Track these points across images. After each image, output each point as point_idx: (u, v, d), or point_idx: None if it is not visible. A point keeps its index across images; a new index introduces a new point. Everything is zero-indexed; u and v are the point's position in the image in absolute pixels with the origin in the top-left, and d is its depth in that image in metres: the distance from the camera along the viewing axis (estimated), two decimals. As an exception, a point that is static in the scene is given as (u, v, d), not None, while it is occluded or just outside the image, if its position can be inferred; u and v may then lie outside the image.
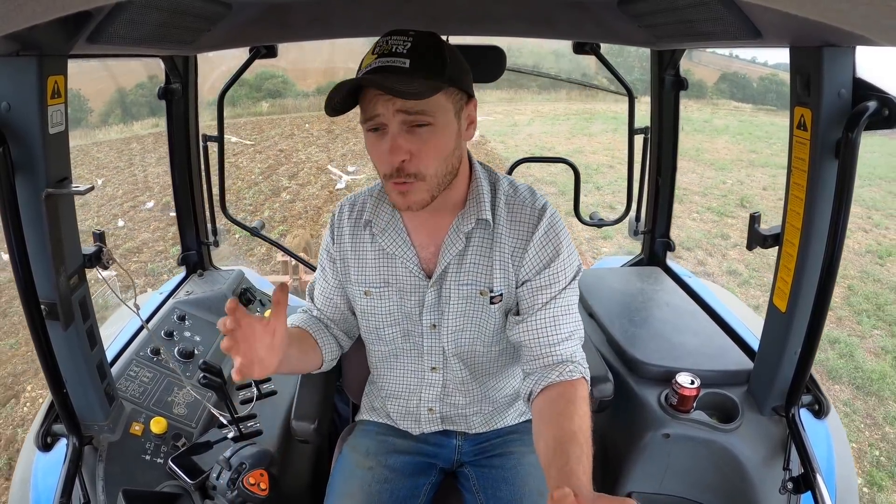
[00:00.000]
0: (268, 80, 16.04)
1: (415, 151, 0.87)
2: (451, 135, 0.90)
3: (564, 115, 16.15)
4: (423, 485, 1.13)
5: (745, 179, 9.32)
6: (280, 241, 3.69)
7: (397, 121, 0.85)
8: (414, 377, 1.12)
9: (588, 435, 0.85)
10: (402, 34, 0.86)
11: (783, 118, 1.14)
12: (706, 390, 1.24)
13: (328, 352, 1.10)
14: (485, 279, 1.01)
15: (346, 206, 1.09)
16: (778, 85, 17.68)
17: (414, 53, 0.84)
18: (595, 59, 1.65)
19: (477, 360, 1.09)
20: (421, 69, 0.83)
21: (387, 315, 1.07)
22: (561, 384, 0.93)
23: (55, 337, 0.99)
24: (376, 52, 0.86)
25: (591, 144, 12.19)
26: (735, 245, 6.36)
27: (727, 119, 15.15)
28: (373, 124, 0.87)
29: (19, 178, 0.88)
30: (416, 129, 0.86)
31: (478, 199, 0.99)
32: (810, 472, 1.07)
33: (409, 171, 0.87)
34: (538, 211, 0.99)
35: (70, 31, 0.84)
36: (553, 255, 0.99)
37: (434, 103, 0.85)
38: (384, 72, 0.84)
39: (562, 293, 1.00)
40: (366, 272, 1.06)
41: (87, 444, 1.10)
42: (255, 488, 0.92)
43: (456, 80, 0.88)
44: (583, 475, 0.77)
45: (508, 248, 0.99)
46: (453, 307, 1.03)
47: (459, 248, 0.99)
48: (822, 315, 1.04)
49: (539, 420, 0.91)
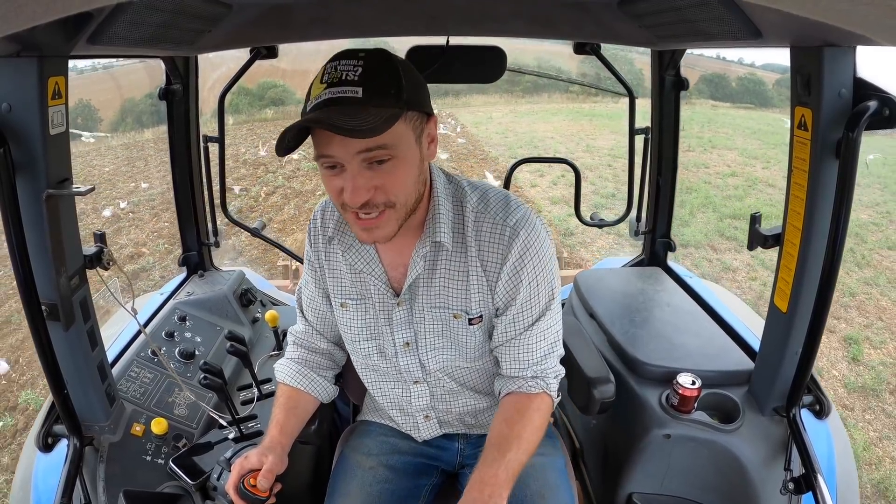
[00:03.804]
0: (270, 90, 16.34)
1: (379, 185, 0.81)
2: (413, 163, 0.85)
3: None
4: (424, 486, 1.13)
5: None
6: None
7: (356, 161, 0.79)
8: (400, 389, 1.11)
9: (525, 445, 0.92)
10: (352, 57, 0.78)
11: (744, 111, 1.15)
12: (707, 391, 1.23)
13: (322, 393, 1.12)
14: (458, 302, 0.98)
15: (319, 213, 1.05)
16: (756, 84, 18.17)
17: (366, 80, 0.76)
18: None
19: (462, 373, 1.08)
20: (375, 97, 0.76)
21: (363, 328, 1.05)
22: (518, 394, 1.00)
23: (56, 338, 0.99)
24: (325, 80, 0.78)
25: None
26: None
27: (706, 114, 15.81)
28: (328, 163, 0.81)
29: (20, 178, 0.88)
30: (377, 165, 0.80)
31: (434, 220, 0.93)
32: (811, 473, 1.07)
33: (376, 203, 0.82)
34: (510, 230, 0.93)
35: (70, 31, 0.84)
36: (526, 284, 0.95)
37: (394, 135, 0.78)
38: (335, 104, 0.76)
39: (538, 322, 0.98)
40: (342, 283, 1.04)
41: (88, 445, 1.10)
42: (255, 489, 0.92)
43: (413, 102, 0.81)
44: (490, 477, 0.86)
45: (482, 270, 0.96)
46: (428, 327, 1.01)
47: (419, 270, 0.96)
48: (823, 315, 1.04)
49: (493, 419, 0.99)
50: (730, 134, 12.88)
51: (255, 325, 1.74)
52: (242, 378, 1.47)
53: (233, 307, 1.70)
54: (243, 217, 7.24)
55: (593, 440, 1.51)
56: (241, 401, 1.39)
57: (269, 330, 1.67)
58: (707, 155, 10.76)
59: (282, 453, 0.97)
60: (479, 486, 0.86)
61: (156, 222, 7.21)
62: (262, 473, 0.92)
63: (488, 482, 0.86)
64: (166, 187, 7.40)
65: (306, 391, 1.10)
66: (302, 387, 1.10)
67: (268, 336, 1.69)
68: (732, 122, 14.52)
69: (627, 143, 1.85)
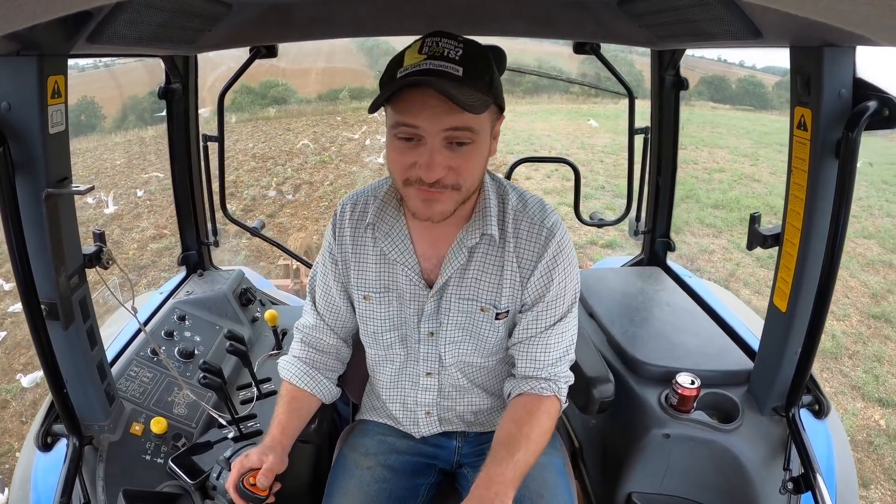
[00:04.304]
0: (272, 88, 16.51)
1: (454, 167, 0.82)
2: (485, 152, 0.87)
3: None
4: (422, 485, 1.13)
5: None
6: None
7: (440, 137, 0.80)
8: (409, 381, 1.12)
9: (534, 447, 0.93)
10: (453, 38, 0.80)
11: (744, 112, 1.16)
12: (706, 390, 1.24)
13: (326, 394, 1.12)
14: (489, 296, 0.99)
15: (349, 205, 1.05)
16: (755, 86, 18.34)
17: (467, 62, 0.77)
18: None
19: (474, 369, 1.09)
20: (472, 81, 0.77)
21: (385, 320, 1.06)
22: (530, 395, 1.01)
23: (55, 337, 0.99)
24: (424, 51, 0.78)
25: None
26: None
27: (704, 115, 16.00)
28: (407, 133, 0.81)
29: (19, 178, 0.88)
30: (457, 147, 0.81)
31: (484, 212, 0.96)
32: (810, 473, 1.07)
33: (446, 183, 0.83)
34: (547, 231, 0.96)
35: (70, 30, 0.84)
36: (556, 283, 0.98)
37: (480, 120, 0.80)
38: (435, 76, 0.76)
39: (559, 322, 1.00)
40: (366, 276, 1.04)
41: (88, 444, 1.10)
42: (255, 488, 0.92)
43: (498, 96, 0.84)
44: (498, 475, 0.87)
45: (517, 266, 0.98)
46: (452, 319, 1.02)
47: (462, 261, 0.97)
48: (823, 315, 1.04)
49: (502, 419, 1.00)
50: (723, 133, 13.08)
51: (255, 325, 1.74)
52: (242, 377, 1.47)
53: (232, 306, 1.70)
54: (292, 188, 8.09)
55: (593, 440, 1.52)
56: (240, 400, 1.39)
57: (268, 329, 1.67)
58: (697, 153, 11.06)
59: (282, 453, 0.97)
60: (487, 483, 0.86)
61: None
62: (262, 472, 0.92)
63: (496, 480, 0.86)
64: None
65: (311, 392, 1.09)
66: (307, 388, 1.09)
67: (267, 335, 1.69)
68: (728, 122, 14.71)
69: (626, 143, 1.85)
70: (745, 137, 12.54)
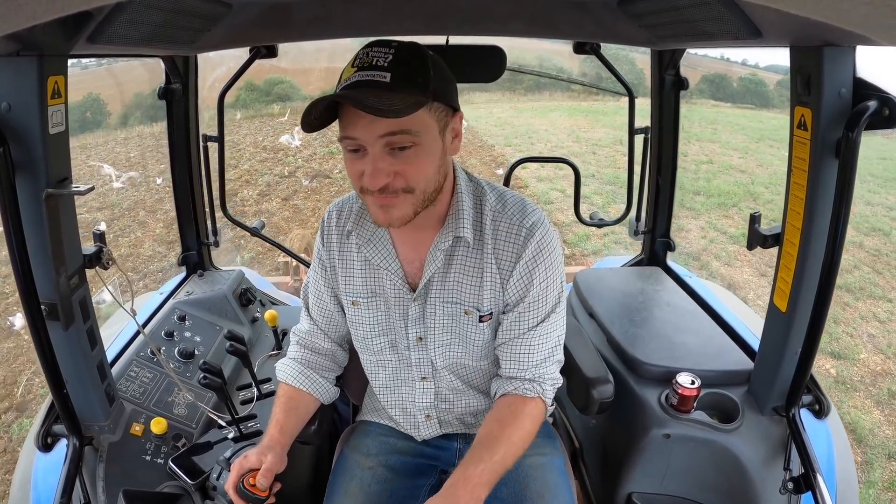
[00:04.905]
0: (277, 85, 16.70)
1: (400, 171, 0.83)
2: (435, 153, 0.86)
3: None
4: (423, 486, 1.13)
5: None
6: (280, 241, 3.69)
7: (379, 144, 0.81)
8: (405, 386, 1.12)
9: (514, 450, 0.93)
10: (384, 45, 0.81)
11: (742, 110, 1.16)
12: (706, 390, 1.23)
13: (323, 394, 1.12)
14: (471, 298, 0.99)
15: (334, 211, 1.06)
16: (756, 85, 18.49)
17: (395, 67, 0.79)
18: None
19: (468, 372, 1.09)
20: (403, 84, 0.79)
21: (374, 325, 1.06)
22: (514, 396, 1.01)
23: (55, 337, 0.99)
24: (356, 64, 0.81)
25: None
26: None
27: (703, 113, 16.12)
28: (351, 145, 0.83)
29: (19, 178, 0.88)
30: (399, 152, 0.82)
31: (457, 215, 0.95)
32: (811, 473, 1.07)
33: (394, 188, 0.84)
34: (526, 231, 0.95)
35: (70, 31, 0.84)
36: (537, 284, 0.97)
37: (417, 122, 0.81)
38: (363, 87, 0.79)
39: (542, 323, 0.99)
40: (353, 282, 1.05)
41: (88, 445, 1.10)
42: (254, 489, 0.92)
43: (440, 94, 0.83)
44: (475, 476, 0.86)
45: (496, 267, 0.97)
46: (438, 323, 1.02)
47: (438, 265, 0.97)
48: (823, 315, 1.04)
49: (486, 418, 1.00)
50: (717, 129, 13.16)
51: (255, 325, 1.74)
52: (242, 378, 1.47)
53: (232, 307, 1.70)
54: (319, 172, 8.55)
55: (593, 440, 1.51)
56: (240, 400, 1.39)
57: (268, 329, 1.67)
58: (689, 146, 11.20)
59: (281, 453, 0.98)
60: (463, 482, 0.86)
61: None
62: (262, 473, 0.92)
63: (472, 480, 0.86)
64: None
65: (307, 391, 1.10)
66: (303, 387, 1.10)
67: (267, 336, 1.69)
68: (726, 119, 14.77)
69: (622, 137, 1.85)
70: (740, 133, 12.62)
